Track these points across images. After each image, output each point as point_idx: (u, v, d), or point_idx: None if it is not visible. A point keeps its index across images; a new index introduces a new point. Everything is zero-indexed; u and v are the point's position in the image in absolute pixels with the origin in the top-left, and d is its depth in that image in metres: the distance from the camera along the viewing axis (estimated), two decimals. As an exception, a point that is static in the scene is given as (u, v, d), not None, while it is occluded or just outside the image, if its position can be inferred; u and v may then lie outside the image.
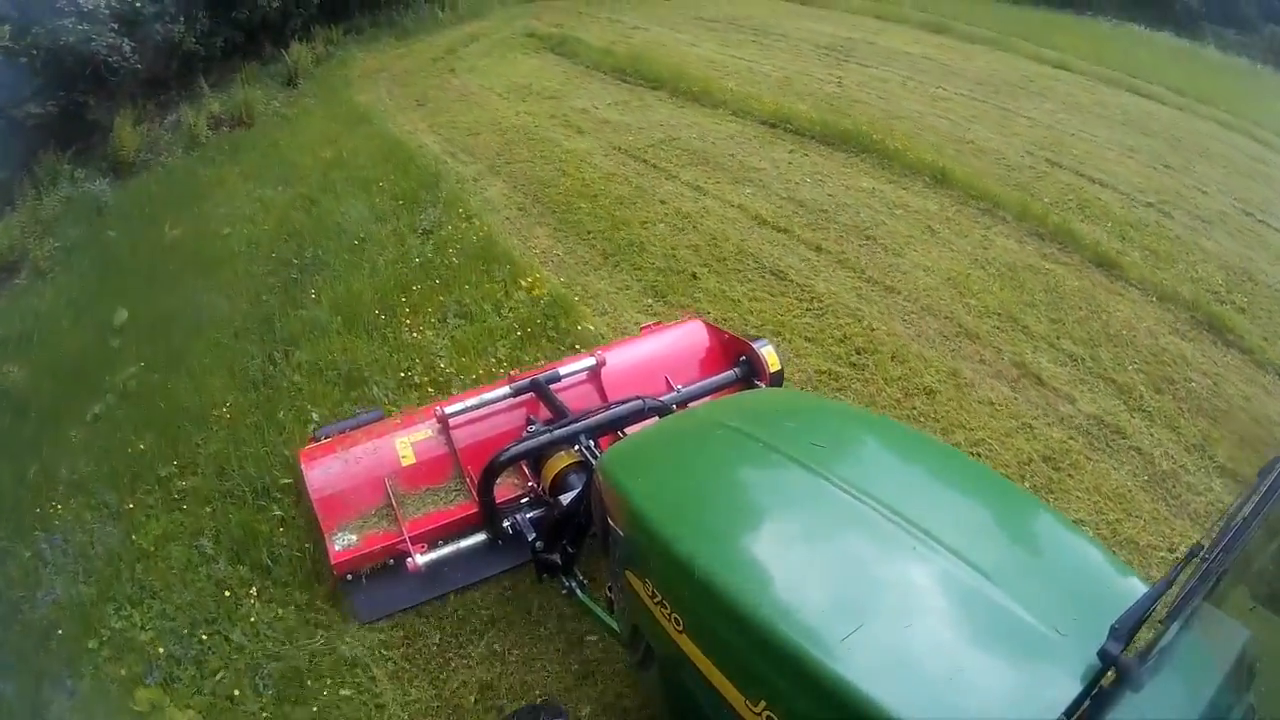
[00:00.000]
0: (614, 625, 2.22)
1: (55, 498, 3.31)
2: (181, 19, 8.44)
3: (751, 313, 4.15)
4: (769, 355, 3.04)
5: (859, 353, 3.85)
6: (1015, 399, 3.58)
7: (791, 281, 4.38)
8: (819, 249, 4.71)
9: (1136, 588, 1.43)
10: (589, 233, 5.04)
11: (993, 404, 3.55)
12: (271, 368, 3.94)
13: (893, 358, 3.79)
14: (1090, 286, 4.39)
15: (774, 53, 8.72)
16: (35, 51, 6.87)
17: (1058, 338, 3.98)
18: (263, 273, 4.93)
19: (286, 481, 3.20)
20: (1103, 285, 4.42)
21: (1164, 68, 9.01)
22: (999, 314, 4.14)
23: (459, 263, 4.61)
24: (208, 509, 3.16)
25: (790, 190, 5.41)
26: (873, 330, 3.98)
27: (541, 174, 5.90)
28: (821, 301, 4.21)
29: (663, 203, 5.32)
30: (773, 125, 6.52)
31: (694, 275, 4.48)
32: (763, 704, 1.42)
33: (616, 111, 7.11)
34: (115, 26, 7.29)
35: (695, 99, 7.22)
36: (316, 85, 9.12)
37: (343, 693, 2.51)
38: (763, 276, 4.44)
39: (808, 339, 3.95)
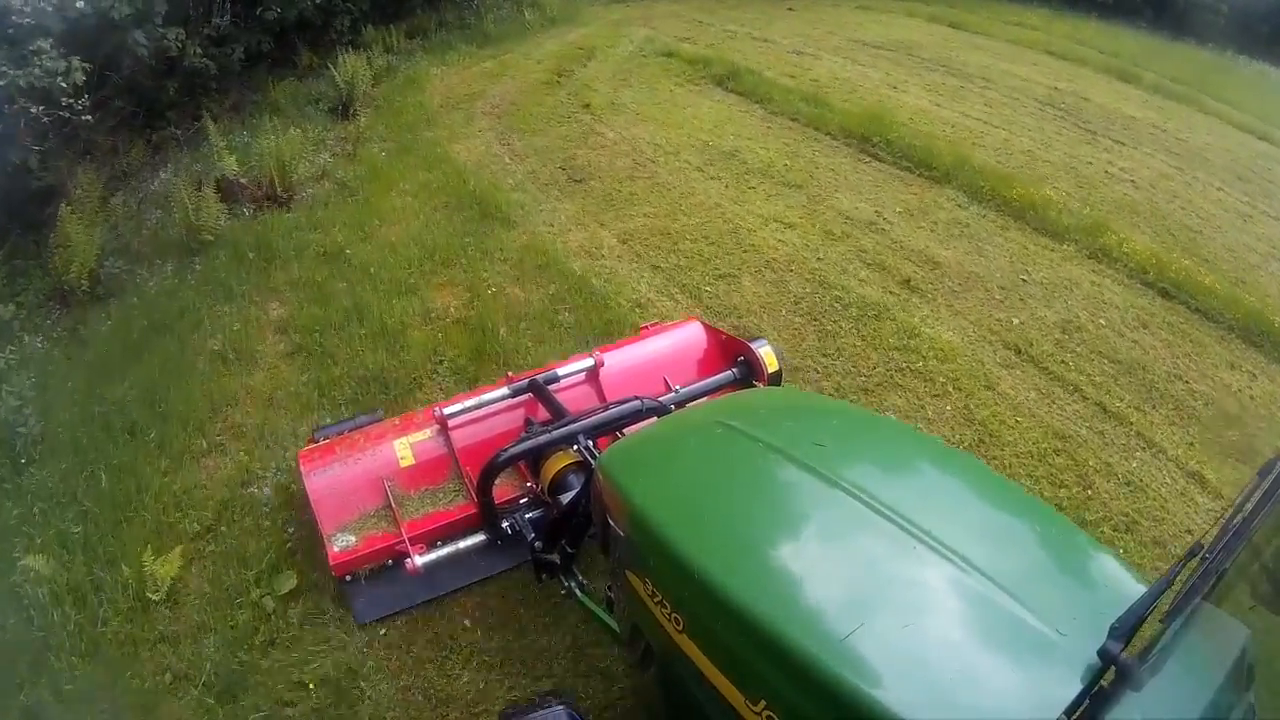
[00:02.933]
0: (614, 625, 2.22)
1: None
2: (180, 23, 6.06)
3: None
4: (767, 355, 3.05)
5: None
6: None
7: None
8: None
9: (1136, 588, 1.43)
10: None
11: None
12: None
13: None
14: None
15: (996, 107, 7.19)
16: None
17: None
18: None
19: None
20: None
21: None
22: None
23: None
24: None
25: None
26: None
27: (962, 434, 3.47)
28: None
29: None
30: (1169, 295, 4.47)
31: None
32: (763, 704, 1.42)
33: (932, 237, 4.78)
34: (55, 44, 4.47)
35: (1008, 210, 5.16)
36: (383, 120, 6.64)
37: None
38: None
39: None
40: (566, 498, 2.44)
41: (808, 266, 4.50)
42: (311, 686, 2.52)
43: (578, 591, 2.46)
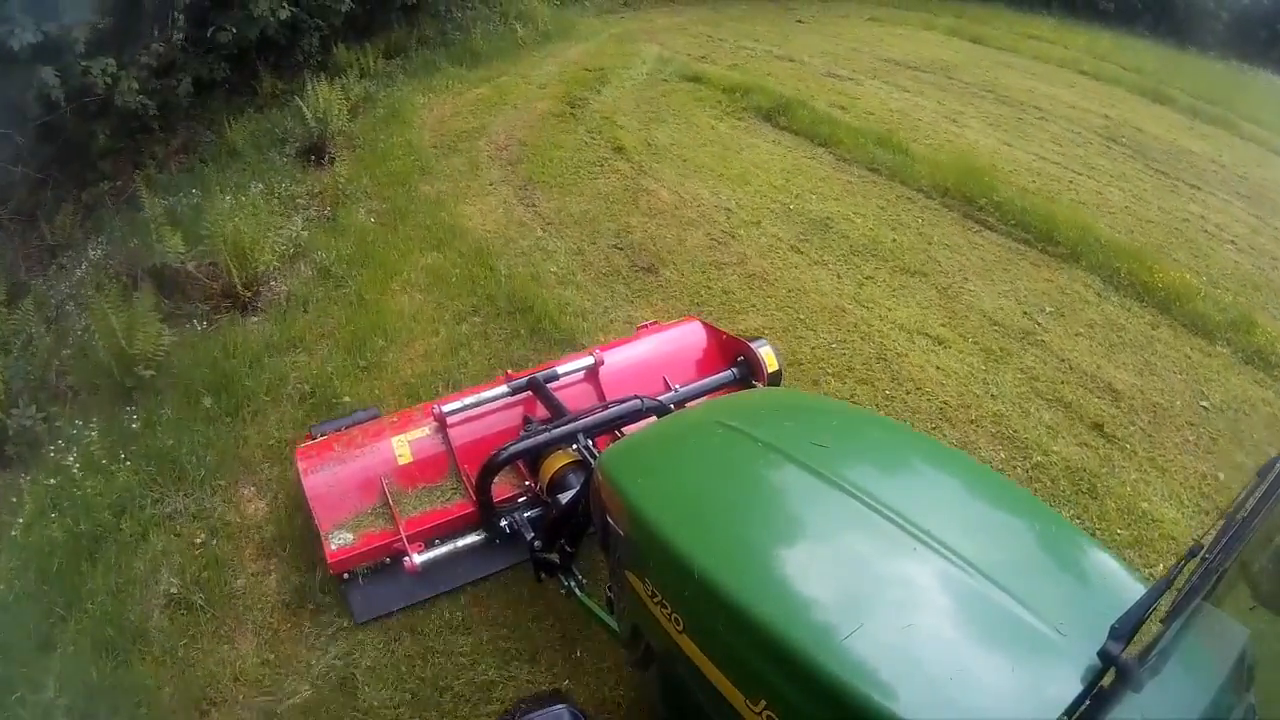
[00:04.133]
0: (613, 625, 2.21)
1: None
2: (112, 52, 4.86)
3: None
4: (767, 355, 3.05)
5: None
6: None
7: None
8: None
9: (1136, 588, 1.43)
10: None
11: None
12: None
13: None
14: None
15: (1065, 145, 6.70)
16: None
17: None
18: None
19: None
20: None
21: None
22: None
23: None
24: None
25: None
26: None
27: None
28: None
29: None
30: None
31: None
32: (763, 703, 1.42)
33: (1094, 349, 4.15)
34: None
35: (1151, 300, 4.59)
36: (366, 168, 5.53)
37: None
38: None
39: None
40: (565, 497, 2.43)
41: (985, 411, 3.63)
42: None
43: (577, 591, 2.46)
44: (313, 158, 5.76)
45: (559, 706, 1.60)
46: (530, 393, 3.00)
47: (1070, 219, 5.14)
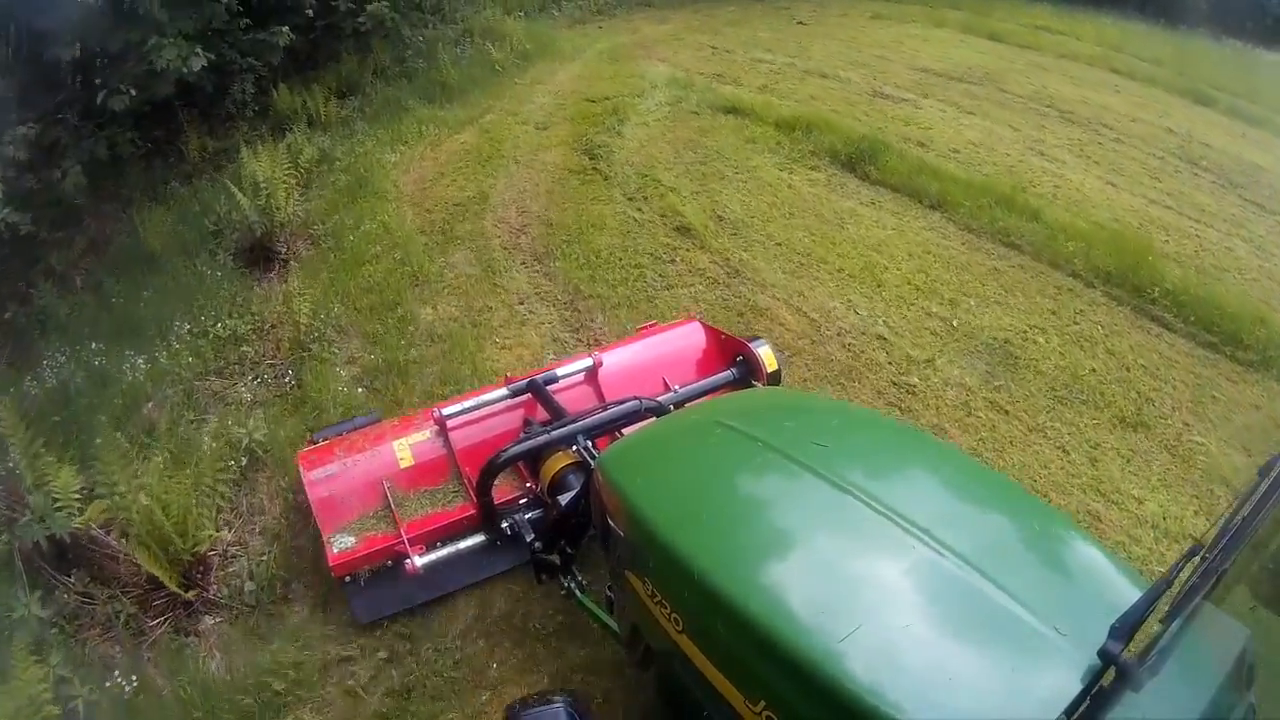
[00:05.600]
0: (613, 625, 2.21)
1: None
2: None
3: None
4: (766, 355, 3.05)
5: None
6: None
7: None
8: None
9: (1136, 588, 1.43)
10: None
11: None
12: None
13: None
14: None
15: (1165, 180, 5.97)
16: None
17: None
18: None
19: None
20: None
21: None
22: None
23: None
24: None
25: None
26: None
27: None
28: None
29: None
30: None
31: None
32: (762, 704, 1.42)
33: None
34: None
35: None
36: (335, 280, 4.24)
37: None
38: None
39: None
40: (566, 498, 2.43)
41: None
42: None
43: (577, 592, 2.46)
44: (257, 261, 4.26)
45: (557, 704, 1.61)
46: (530, 395, 3.00)
47: (1242, 306, 4.31)
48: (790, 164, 5.55)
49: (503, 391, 2.97)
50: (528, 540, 2.56)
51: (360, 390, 3.57)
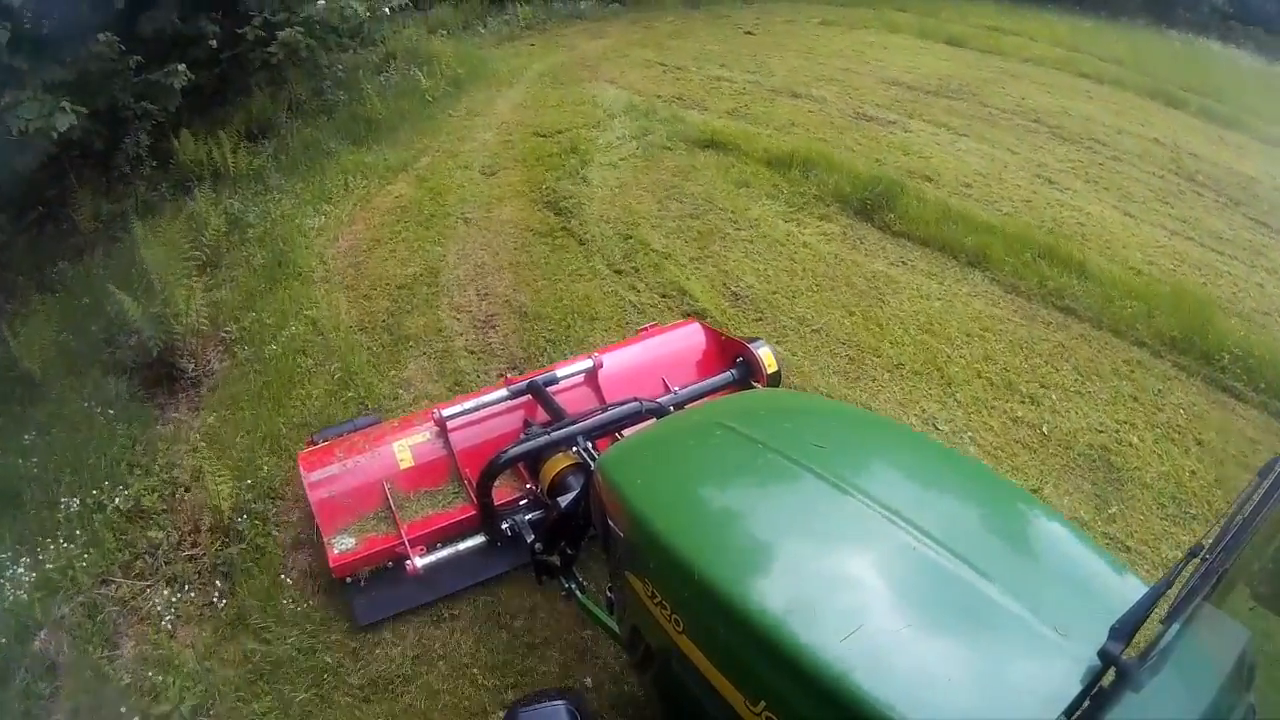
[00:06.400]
0: (614, 626, 2.21)
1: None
2: None
3: None
4: (766, 356, 3.05)
5: None
6: None
7: None
8: None
9: (1136, 588, 1.43)
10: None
11: None
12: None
13: None
14: None
15: (1175, 204, 5.69)
16: None
17: None
18: None
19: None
20: None
21: None
22: None
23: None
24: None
25: None
26: None
27: None
28: None
29: None
30: None
31: None
32: (763, 704, 1.42)
33: None
34: None
35: None
36: (258, 415, 3.36)
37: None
38: None
39: None
40: (566, 499, 2.43)
41: None
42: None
43: (578, 593, 2.46)
44: (162, 383, 3.40)
45: (558, 703, 1.61)
46: (530, 396, 3.00)
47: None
48: (796, 213, 4.85)
49: (503, 393, 2.98)
50: (528, 541, 2.56)
51: (318, 599, 2.72)
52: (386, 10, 6.41)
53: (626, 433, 2.65)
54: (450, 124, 6.00)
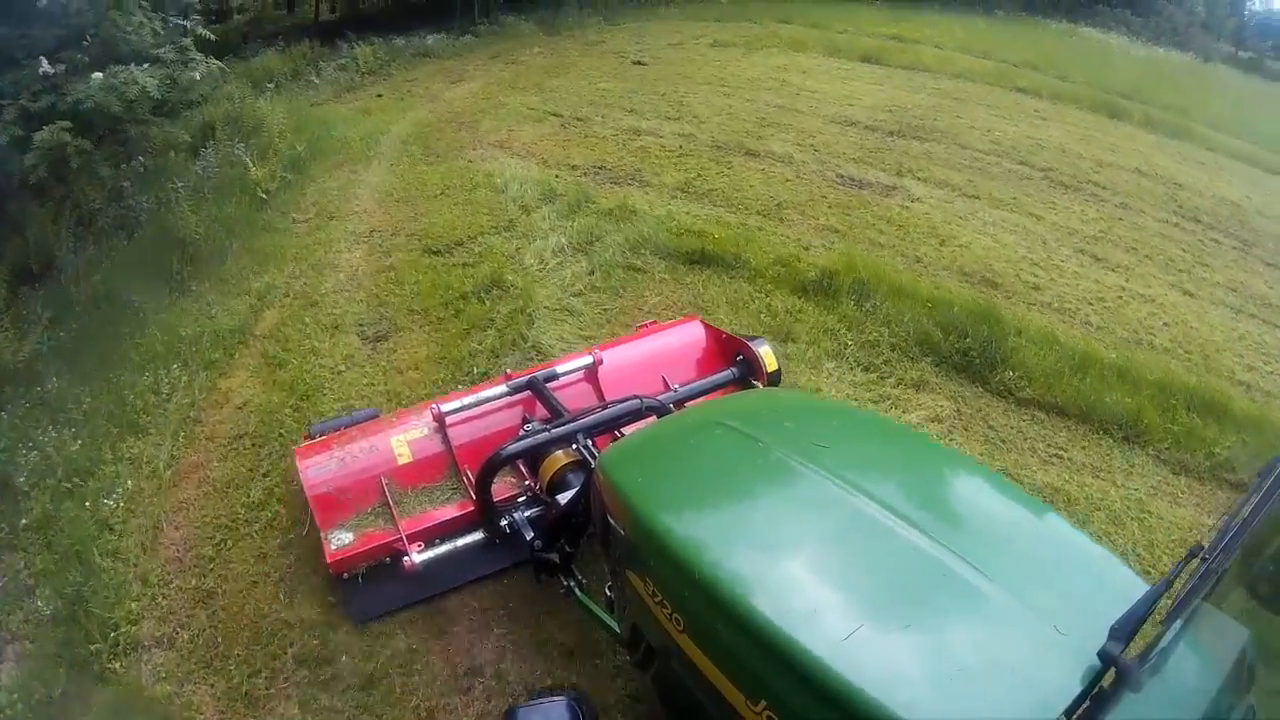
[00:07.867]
0: (614, 625, 2.21)
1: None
2: None
3: None
4: (766, 355, 3.04)
5: None
6: None
7: None
8: None
9: (1136, 588, 1.43)
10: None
11: None
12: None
13: None
14: None
15: (1209, 261, 5.14)
16: None
17: None
18: None
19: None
20: None
21: None
22: None
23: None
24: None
25: None
26: None
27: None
28: None
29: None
30: None
31: None
32: (763, 704, 1.42)
33: None
34: None
35: None
36: None
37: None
38: None
39: None
40: (565, 497, 2.43)
41: None
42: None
43: (577, 591, 2.45)
44: None
45: (559, 701, 1.61)
46: (529, 392, 2.99)
47: None
48: (879, 382, 3.51)
49: (502, 388, 2.96)
50: (527, 538, 2.55)
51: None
52: (196, 75, 4.93)
53: (627, 431, 2.64)
54: (298, 239, 4.20)
